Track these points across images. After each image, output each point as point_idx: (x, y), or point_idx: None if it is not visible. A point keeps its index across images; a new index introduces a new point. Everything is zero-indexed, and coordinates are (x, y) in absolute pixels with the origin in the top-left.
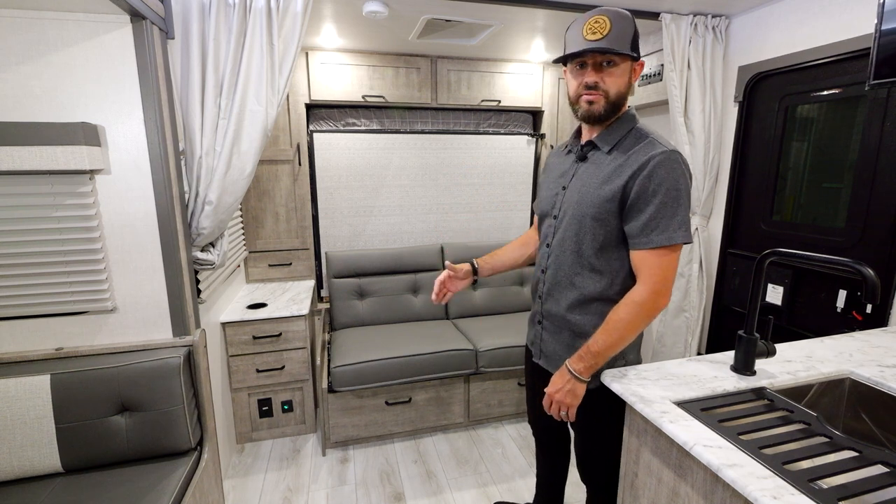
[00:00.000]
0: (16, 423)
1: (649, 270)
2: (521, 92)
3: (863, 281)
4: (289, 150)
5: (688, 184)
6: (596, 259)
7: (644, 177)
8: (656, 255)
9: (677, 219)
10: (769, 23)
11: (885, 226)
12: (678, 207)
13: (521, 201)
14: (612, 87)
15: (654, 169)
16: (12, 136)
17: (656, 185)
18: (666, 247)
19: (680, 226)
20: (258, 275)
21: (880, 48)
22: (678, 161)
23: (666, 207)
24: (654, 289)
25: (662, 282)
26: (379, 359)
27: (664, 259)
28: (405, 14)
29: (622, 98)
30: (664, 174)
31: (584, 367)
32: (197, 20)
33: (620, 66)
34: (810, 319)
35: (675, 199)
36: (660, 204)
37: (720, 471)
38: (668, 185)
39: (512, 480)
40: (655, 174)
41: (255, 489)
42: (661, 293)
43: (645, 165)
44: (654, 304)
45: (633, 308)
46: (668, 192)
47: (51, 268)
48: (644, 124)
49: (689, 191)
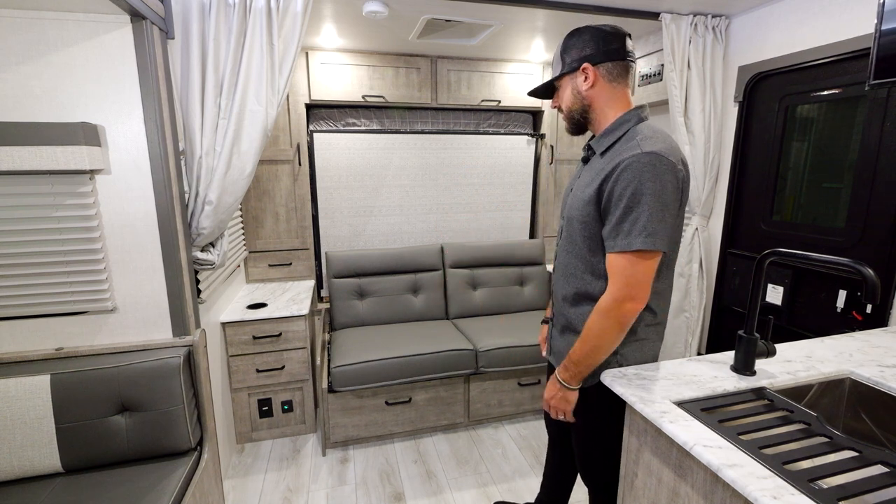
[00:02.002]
0: (16, 423)
1: (614, 275)
2: (521, 92)
3: (863, 281)
4: (289, 150)
5: (659, 187)
6: (589, 260)
7: (613, 180)
8: (621, 259)
9: (639, 224)
10: (769, 23)
11: (885, 226)
12: (641, 212)
13: (521, 201)
14: (563, 104)
15: (621, 172)
16: (12, 136)
17: (622, 188)
18: (629, 252)
19: (641, 232)
20: (258, 275)
21: (880, 48)
22: (650, 164)
23: (630, 212)
24: (616, 295)
25: (625, 287)
26: (379, 359)
27: (628, 264)
28: (405, 14)
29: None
30: (630, 177)
31: (569, 376)
32: (197, 20)
33: (561, 86)
34: (810, 319)
35: (638, 203)
36: (624, 208)
37: (720, 471)
38: (632, 188)
39: (512, 480)
40: (622, 178)
41: (255, 489)
42: (625, 298)
43: (616, 168)
44: (618, 309)
45: (599, 315)
46: (632, 196)
47: (51, 268)
48: (647, 125)
49: (664, 194)
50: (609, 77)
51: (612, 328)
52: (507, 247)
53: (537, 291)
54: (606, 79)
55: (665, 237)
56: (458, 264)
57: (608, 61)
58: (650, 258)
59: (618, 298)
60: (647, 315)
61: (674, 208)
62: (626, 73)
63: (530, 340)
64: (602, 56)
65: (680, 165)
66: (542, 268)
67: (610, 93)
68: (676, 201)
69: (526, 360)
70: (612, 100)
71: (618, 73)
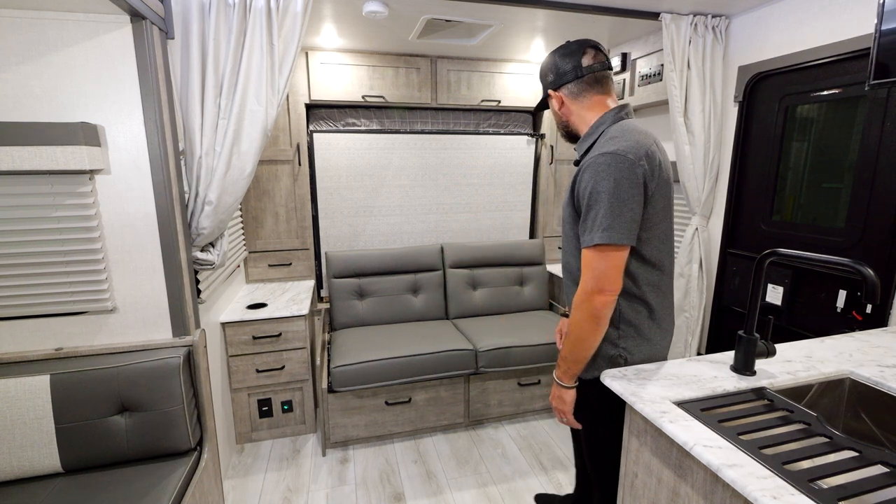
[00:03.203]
0: (16, 423)
1: (584, 270)
2: (521, 92)
3: (863, 281)
4: (289, 150)
5: (613, 185)
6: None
7: (578, 181)
8: (587, 254)
9: (598, 221)
10: (769, 23)
11: (885, 226)
12: (599, 209)
13: (521, 201)
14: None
15: (582, 174)
16: (12, 136)
17: (583, 188)
18: (591, 247)
19: (599, 227)
20: (258, 275)
21: (880, 48)
22: (605, 164)
23: (590, 210)
24: (585, 287)
25: (592, 280)
26: (379, 359)
27: (593, 258)
28: (405, 14)
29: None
30: (588, 178)
31: (560, 373)
32: (197, 20)
33: (551, 101)
34: (810, 319)
35: (596, 201)
36: (586, 206)
37: (720, 471)
38: (590, 187)
39: (512, 481)
40: (583, 179)
41: (255, 489)
42: (593, 291)
43: (580, 169)
44: (589, 302)
45: (574, 309)
46: (591, 195)
47: (51, 268)
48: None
49: (619, 190)
50: (574, 94)
51: (585, 320)
52: (507, 247)
53: (537, 291)
54: (572, 97)
55: (624, 230)
56: (458, 264)
57: (567, 83)
58: (613, 251)
59: (587, 291)
60: (641, 308)
61: (634, 203)
62: (593, 83)
63: (530, 340)
64: (560, 80)
65: (642, 161)
66: (542, 268)
67: (580, 106)
68: (637, 196)
69: (526, 360)
70: (585, 110)
71: (582, 88)
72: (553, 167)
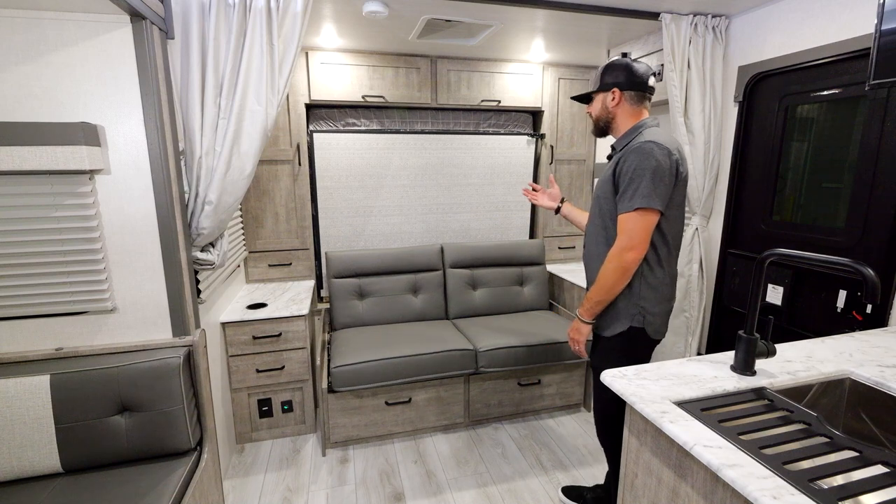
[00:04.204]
0: (15, 424)
1: (620, 231)
2: (521, 92)
3: (863, 281)
4: (289, 150)
5: (654, 163)
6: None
7: (622, 162)
8: (625, 218)
9: (640, 191)
10: (769, 23)
11: (885, 226)
12: (641, 182)
13: (520, 201)
14: (594, 112)
15: (626, 155)
16: (12, 136)
17: (627, 166)
18: (632, 211)
19: (640, 195)
20: (258, 275)
21: (880, 48)
22: (648, 149)
23: (633, 182)
24: (621, 244)
25: (628, 239)
26: (379, 359)
27: (630, 221)
28: (405, 14)
29: (605, 117)
30: (633, 158)
31: (584, 310)
32: (197, 20)
33: (595, 99)
34: (810, 319)
35: (639, 176)
36: (629, 181)
37: (720, 471)
38: (636, 165)
39: (512, 481)
40: (628, 159)
41: (255, 489)
42: (627, 248)
43: (625, 153)
44: (620, 256)
45: (608, 260)
46: (634, 171)
47: (51, 268)
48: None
49: (658, 169)
50: (631, 100)
51: (616, 271)
52: (507, 247)
53: (537, 291)
54: (629, 101)
55: (658, 200)
56: (457, 264)
57: (632, 90)
58: (648, 214)
59: (622, 247)
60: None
61: (667, 181)
62: (643, 99)
63: (530, 340)
64: (628, 85)
65: (675, 153)
66: (542, 268)
67: (628, 111)
68: (669, 177)
69: (526, 360)
70: (629, 116)
71: (638, 98)
72: (553, 167)
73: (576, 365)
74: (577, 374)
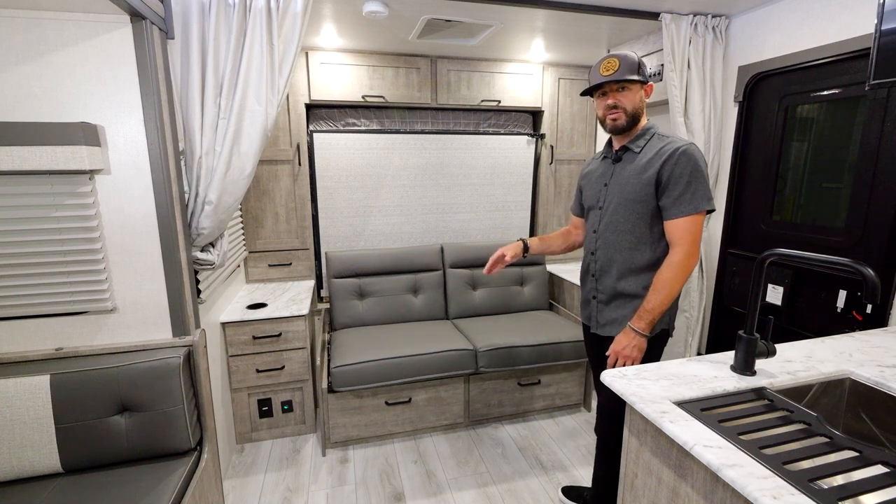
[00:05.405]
0: (15, 424)
1: (682, 236)
2: (521, 92)
3: (863, 281)
4: (289, 150)
5: (705, 166)
6: (641, 232)
7: (672, 163)
8: (686, 222)
9: (700, 192)
10: (769, 23)
11: (885, 226)
12: (700, 184)
13: (520, 201)
14: (628, 105)
15: (679, 157)
16: (12, 136)
17: (682, 168)
18: (696, 214)
19: (702, 197)
20: (258, 275)
21: (880, 48)
22: (696, 150)
23: (691, 185)
24: (687, 251)
25: (692, 244)
26: (379, 359)
27: (692, 225)
28: (405, 14)
29: (638, 111)
30: (687, 160)
31: (644, 325)
32: (197, 20)
33: (632, 89)
34: (810, 319)
35: (697, 178)
36: (686, 183)
37: (720, 471)
38: (691, 167)
39: (512, 480)
40: (681, 161)
41: (255, 489)
42: (692, 254)
43: (673, 155)
44: (687, 263)
45: (674, 268)
46: (692, 173)
47: (51, 268)
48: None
49: (706, 172)
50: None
51: (681, 279)
52: None
53: (537, 291)
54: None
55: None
56: (457, 264)
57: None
58: (703, 218)
59: (689, 254)
60: None
61: None
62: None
63: (530, 340)
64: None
65: None
66: (542, 268)
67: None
68: None
69: (526, 360)
70: (644, 113)
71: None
72: (553, 167)
73: (576, 365)
74: (576, 374)
